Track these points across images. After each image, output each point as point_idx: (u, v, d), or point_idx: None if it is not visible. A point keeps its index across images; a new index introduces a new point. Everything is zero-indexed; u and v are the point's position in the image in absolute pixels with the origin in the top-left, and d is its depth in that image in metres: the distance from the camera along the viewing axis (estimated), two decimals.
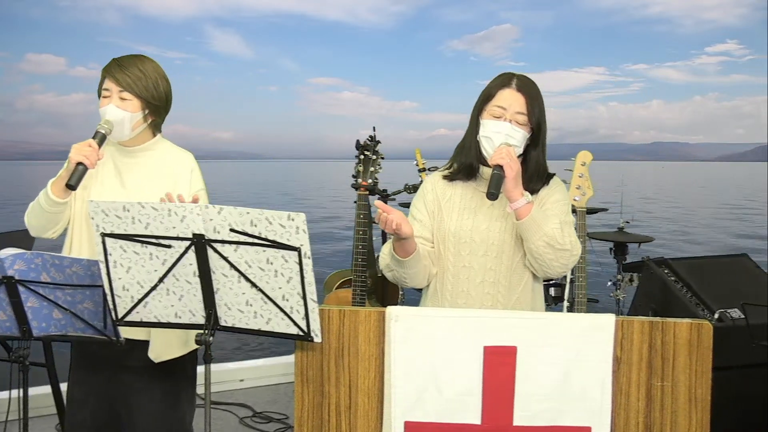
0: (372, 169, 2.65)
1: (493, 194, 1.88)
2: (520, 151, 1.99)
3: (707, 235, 15.32)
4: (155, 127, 2.13)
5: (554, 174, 2.09)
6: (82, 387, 2.14)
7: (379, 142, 2.64)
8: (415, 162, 3.56)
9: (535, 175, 2.03)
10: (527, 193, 1.94)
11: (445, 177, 2.09)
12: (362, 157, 2.63)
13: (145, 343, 2.04)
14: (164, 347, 2.06)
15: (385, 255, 2.03)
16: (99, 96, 2.06)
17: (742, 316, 2.81)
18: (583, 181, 2.46)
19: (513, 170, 1.89)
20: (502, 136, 1.95)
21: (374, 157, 2.66)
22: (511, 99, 1.98)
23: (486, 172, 2.01)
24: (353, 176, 2.62)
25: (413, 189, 2.37)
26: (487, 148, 1.97)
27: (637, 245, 4.23)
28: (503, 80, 2.02)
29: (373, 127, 2.59)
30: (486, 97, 2.02)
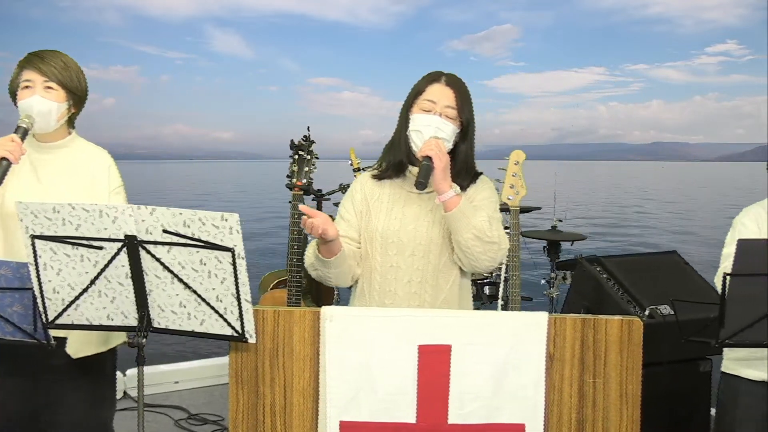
0: (306, 169, 2.66)
1: (421, 183, 1.91)
2: (450, 146, 2.02)
3: (709, 236, 15.46)
4: (71, 123, 2.13)
5: (482, 172, 2.14)
6: None
7: (313, 141, 2.65)
8: (349, 162, 3.58)
9: (464, 171, 2.06)
10: (456, 185, 1.97)
11: (374, 176, 2.12)
12: (296, 157, 2.64)
13: (65, 340, 2.04)
14: (81, 343, 2.08)
15: (309, 254, 2.06)
16: (13, 92, 2.05)
17: (672, 312, 2.87)
18: (516, 180, 2.49)
19: (442, 161, 1.93)
20: (432, 129, 1.99)
21: (309, 157, 2.67)
22: (440, 93, 2.03)
23: (415, 171, 2.04)
24: (287, 176, 2.62)
25: (347, 189, 2.38)
26: (417, 141, 2.00)
27: (570, 243, 4.30)
28: (433, 76, 2.07)
29: (308, 127, 2.60)
30: (415, 93, 2.07)
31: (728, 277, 1.78)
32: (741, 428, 2.18)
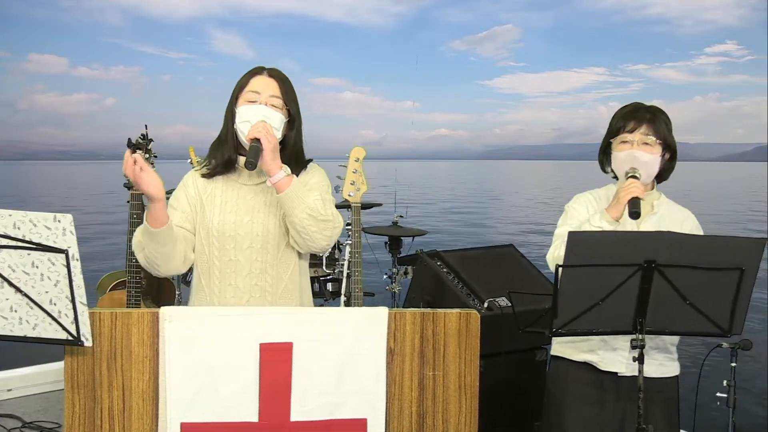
0: None
1: (251, 163, 2.00)
2: (279, 134, 2.13)
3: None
4: None
5: (311, 160, 2.28)
6: None
7: (151, 140, 2.69)
8: (189, 160, 3.62)
9: (294, 160, 2.17)
10: (286, 166, 2.04)
11: (203, 175, 2.18)
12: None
13: None
14: None
15: (138, 232, 2.12)
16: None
17: (509, 304, 3.02)
18: (357, 176, 2.59)
19: (270, 143, 2.03)
20: (260, 116, 2.11)
21: (147, 155, 2.69)
22: (264, 84, 2.15)
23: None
24: (125, 176, 2.63)
25: None
26: (245, 131, 2.09)
27: (411, 239, 4.45)
28: (255, 70, 2.19)
29: (145, 126, 2.62)
30: (239, 87, 2.18)
31: (560, 269, 1.90)
32: (569, 411, 2.33)
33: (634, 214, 2.14)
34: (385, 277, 4.57)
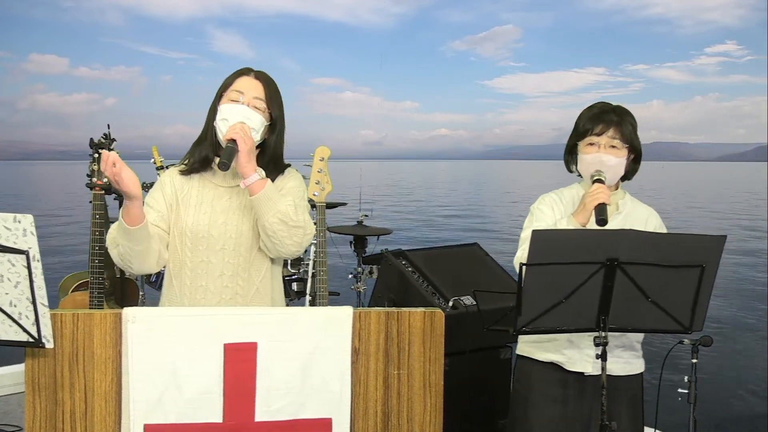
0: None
1: (224, 164, 2.00)
2: (258, 137, 2.13)
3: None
4: None
5: (289, 164, 2.28)
6: None
7: (114, 140, 2.69)
8: (152, 160, 3.62)
9: (272, 163, 2.18)
10: (260, 169, 2.05)
11: (181, 172, 2.18)
12: (96, 155, 2.65)
13: None
14: None
15: (113, 228, 2.12)
16: None
17: (474, 303, 3.05)
18: (322, 176, 2.60)
19: (247, 144, 2.04)
20: (239, 116, 2.08)
21: None
22: (248, 85, 2.16)
23: None
24: (87, 175, 2.63)
25: (151, 186, 2.41)
26: (223, 129, 2.10)
27: (377, 238, 4.48)
28: (242, 71, 2.20)
29: (108, 125, 2.62)
30: (224, 86, 2.19)
31: (524, 267, 1.92)
32: (535, 410, 2.36)
33: (601, 221, 2.17)
34: (350, 276, 4.61)
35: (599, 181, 2.28)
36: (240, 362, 1.81)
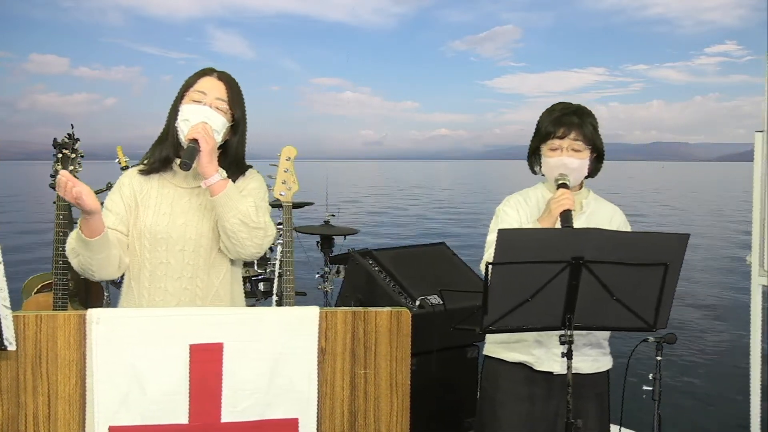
0: (71, 168, 2.67)
1: (186, 164, 2.00)
2: (220, 138, 2.14)
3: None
4: None
5: (251, 166, 2.29)
6: None
7: (78, 140, 2.68)
8: (116, 160, 3.61)
9: (234, 165, 2.18)
10: (222, 170, 2.05)
11: (141, 172, 2.19)
12: (60, 155, 2.64)
13: None
14: None
15: (71, 239, 2.11)
16: None
17: (441, 302, 3.08)
18: (288, 176, 2.61)
19: (209, 145, 2.04)
20: (201, 117, 2.08)
21: (73, 155, 2.68)
22: (211, 85, 2.17)
23: None
24: (51, 176, 2.62)
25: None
26: (185, 130, 2.10)
27: (343, 237, 4.51)
28: (205, 71, 2.21)
29: (72, 125, 2.62)
30: (186, 86, 2.20)
31: (490, 266, 1.95)
32: (503, 408, 2.38)
33: (566, 228, 2.20)
34: (317, 276, 4.62)
35: (564, 185, 2.30)
36: (206, 363, 1.80)
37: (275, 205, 2.63)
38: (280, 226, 2.65)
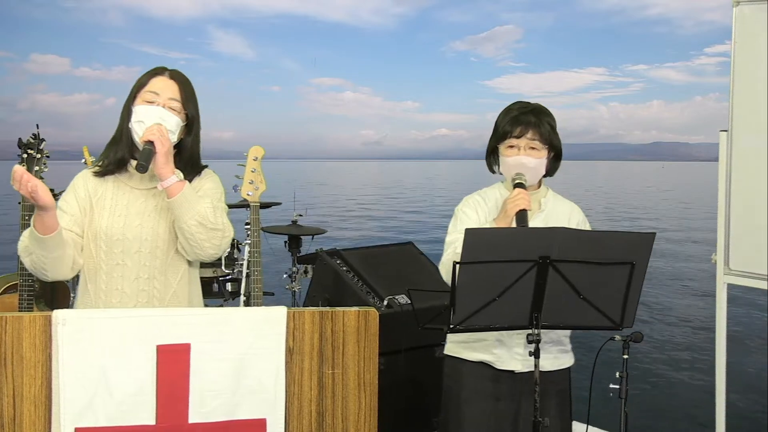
0: (37, 168, 2.69)
1: (142, 166, 2.01)
2: (175, 138, 2.15)
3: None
4: None
5: (206, 166, 2.31)
6: None
7: (43, 140, 2.69)
8: (83, 160, 3.61)
9: (189, 165, 2.18)
10: (179, 171, 2.06)
11: (95, 173, 2.19)
12: (26, 156, 2.64)
13: None
14: None
15: (25, 237, 2.11)
16: None
17: (409, 302, 3.10)
18: (255, 175, 2.62)
19: (164, 146, 2.06)
20: (155, 118, 2.09)
21: (39, 155, 2.68)
22: (163, 85, 2.17)
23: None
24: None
25: None
26: (139, 131, 2.11)
27: (311, 237, 4.53)
28: (156, 70, 2.21)
29: (37, 125, 2.60)
30: (138, 86, 2.20)
31: (458, 266, 1.97)
32: (467, 405, 2.40)
33: (522, 227, 2.22)
34: (285, 276, 4.64)
35: (520, 185, 2.33)
36: (173, 363, 1.81)
37: (242, 205, 2.63)
38: (248, 227, 2.65)
